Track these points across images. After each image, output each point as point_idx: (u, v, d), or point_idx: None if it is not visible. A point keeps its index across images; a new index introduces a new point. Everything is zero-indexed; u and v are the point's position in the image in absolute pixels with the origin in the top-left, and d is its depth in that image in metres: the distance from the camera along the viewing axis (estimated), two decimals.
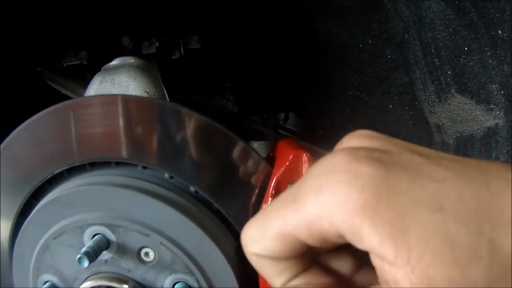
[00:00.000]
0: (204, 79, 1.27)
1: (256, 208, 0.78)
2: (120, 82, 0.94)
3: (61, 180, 0.86)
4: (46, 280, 0.83)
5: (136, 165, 0.83)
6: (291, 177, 0.76)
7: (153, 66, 1.01)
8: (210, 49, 1.24)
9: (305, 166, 0.76)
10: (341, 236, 0.37)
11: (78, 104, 0.85)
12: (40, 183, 0.86)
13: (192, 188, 0.82)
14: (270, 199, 0.75)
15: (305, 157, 0.76)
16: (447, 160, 0.39)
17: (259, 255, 0.43)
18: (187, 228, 0.78)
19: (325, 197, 0.37)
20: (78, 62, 1.21)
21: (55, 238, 0.81)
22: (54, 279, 0.83)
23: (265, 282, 0.75)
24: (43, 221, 0.83)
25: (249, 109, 1.29)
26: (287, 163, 0.76)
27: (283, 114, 1.49)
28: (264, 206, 0.77)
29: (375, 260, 0.36)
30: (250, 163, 0.82)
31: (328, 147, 1.26)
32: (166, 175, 0.82)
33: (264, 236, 0.41)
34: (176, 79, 1.23)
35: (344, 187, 0.36)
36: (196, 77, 1.27)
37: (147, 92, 0.93)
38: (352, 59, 1.12)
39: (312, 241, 0.39)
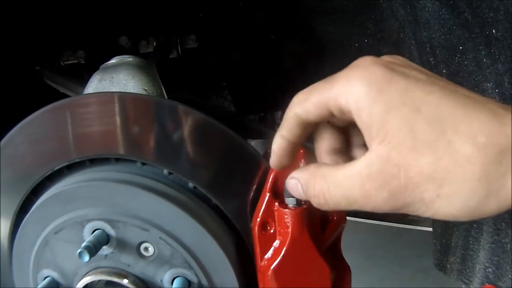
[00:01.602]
0: (201, 78, 1.29)
1: (254, 204, 0.81)
2: (118, 80, 0.96)
3: (61, 177, 0.88)
4: (46, 275, 0.85)
5: (135, 162, 0.85)
6: (288, 173, 0.78)
7: (151, 64, 1.03)
8: (207, 48, 1.27)
9: (301, 162, 0.78)
10: (350, 112, 0.52)
11: (77, 101, 0.87)
12: (40, 180, 0.88)
13: (190, 184, 0.84)
14: (267, 194, 0.77)
15: (301, 153, 0.78)
16: (444, 81, 0.52)
17: (298, 114, 0.60)
18: (186, 223, 0.80)
19: (348, 83, 0.53)
20: (76, 61, 1.23)
21: (55, 233, 0.83)
22: (54, 274, 0.85)
23: (263, 279, 0.78)
24: (43, 217, 0.85)
25: (247, 108, 1.31)
26: None
27: (280, 112, 1.52)
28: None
29: (363, 133, 0.52)
30: (247, 159, 0.84)
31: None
32: (165, 171, 0.84)
33: (307, 99, 0.58)
34: (174, 78, 1.25)
35: (361, 79, 0.51)
36: (193, 76, 1.29)
37: (145, 90, 0.96)
38: (348, 58, 1.14)
39: (335, 111, 0.55)
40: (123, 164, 0.86)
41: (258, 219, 0.77)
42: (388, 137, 0.49)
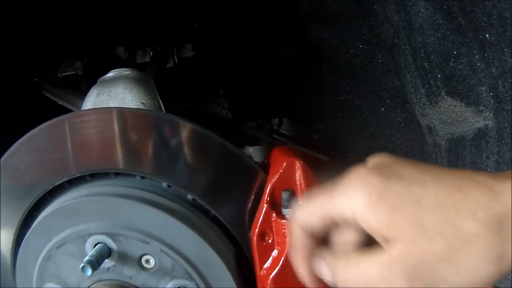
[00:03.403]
0: (198, 86, 1.32)
1: (252, 214, 0.84)
2: (116, 94, 0.99)
3: (62, 191, 0.91)
4: None
5: (135, 175, 0.88)
6: (285, 184, 0.81)
7: (148, 77, 1.06)
8: (203, 56, 1.30)
9: (298, 173, 0.81)
10: (356, 221, 0.57)
11: (76, 117, 0.90)
12: (41, 195, 0.91)
13: (189, 196, 0.87)
14: (265, 205, 0.80)
15: (298, 164, 0.81)
16: (433, 170, 0.57)
17: (303, 226, 0.63)
18: (186, 235, 0.83)
19: (349, 195, 0.57)
20: (73, 73, 1.26)
21: (58, 247, 0.87)
22: None
23: (262, 286, 0.81)
24: (46, 231, 0.88)
25: (244, 116, 1.34)
26: (281, 171, 0.81)
27: (277, 119, 1.55)
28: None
29: (377, 238, 0.56)
30: (245, 171, 0.87)
31: (321, 150, 1.32)
32: (164, 184, 0.87)
33: (311, 213, 0.62)
34: (171, 88, 1.28)
35: (360, 190, 0.56)
36: (190, 84, 1.32)
37: (143, 103, 0.99)
38: (343, 64, 1.18)
39: (339, 221, 0.59)
40: (123, 178, 0.89)
41: (257, 230, 0.80)
42: (399, 232, 0.54)
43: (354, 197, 0.57)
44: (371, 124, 1.20)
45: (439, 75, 0.98)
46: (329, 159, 1.29)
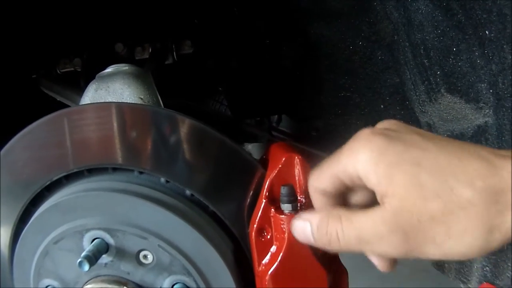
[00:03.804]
0: (197, 83, 1.32)
1: (251, 210, 0.84)
2: (114, 89, 0.99)
3: (59, 187, 0.91)
4: (47, 284, 0.88)
5: (133, 171, 0.88)
6: (284, 179, 0.81)
7: (147, 72, 1.06)
8: (203, 53, 1.30)
9: (297, 168, 0.81)
10: (359, 178, 0.61)
11: (74, 112, 0.90)
12: (39, 190, 0.91)
13: (188, 192, 0.87)
14: (264, 201, 0.80)
15: (297, 159, 0.81)
16: (437, 138, 0.60)
17: (318, 188, 0.68)
18: (184, 230, 0.83)
19: (352, 154, 0.61)
20: (72, 69, 1.27)
21: (55, 243, 0.86)
22: (55, 284, 0.88)
23: (261, 283, 0.81)
24: (43, 227, 0.88)
25: (243, 113, 1.34)
26: (280, 166, 0.81)
27: (276, 116, 1.55)
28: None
29: (377, 195, 0.60)
30: (243, 166, 0.87)
31: (321, 147, 1.32)
32: (162, 180, 0.87)
33: (320, 175, 0.67)
34: (170, 84, 1.28)
35: (363, 148, 0.60)
36: (189, 81, 1.32)
37: (141, 98, 0.99)
38: (343, 61, 1.18)
39: (347, 181, 0.64)
40: (121, 173, 0.89)
41: (255, 225, 0.80)
42: (397, 189, 0.57)
43: (357, 154, 0.60)
44: (371, 121, 1.20)
45: (438, 72, 0.98)
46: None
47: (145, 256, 0.84)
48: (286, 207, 0.77)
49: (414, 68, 1.03)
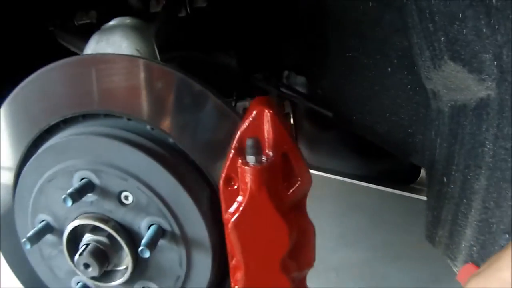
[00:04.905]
0: (209, 36, 1.36)
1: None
2: (114, 41, 1.06)
3: (58, 130, 1.00)
4: (42, 219, 0.98)
5: (122, 117, 0.95)
6: (255, 132, 0.84)
7: (147, 25, 1.11)
8: (215, 7, 1.33)
9: (267, 124, 0.83)
10: None
11: (72, 62, 0.97)
12: (39, 133, 1.00)
13: (171, 140, 0.93)
14: (232, 152, 0.84)
15: (267, 114, 0.83)
16: None
17: None
18: (161, 175, 0.89)
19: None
20: (89, 21, 1.34)
21: (49, 181, 0.96)
22: (49, 218, 0.98)
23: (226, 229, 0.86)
24: (40, 166, 0.97)
25: (250, 66, 1.37)
26: (250, 119, 0.84)
27: (286, 72, 1.56)
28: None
29: None
30: (224, 118, 0.92)
31: (325, 106, 1.33)
32: (148, 127, 0.94)
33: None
34: (183, 37, 1.33)
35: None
36: (202, 34, 1.36)
37: (137, 50, 1.05)
38: (351, 22, 1.17)
39: None
40: (112, 119, 0.97)
41: (223, 175, 0.85)
42: None
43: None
44: (377, 83, 1.20)
45: (442, 38, 0.96)
46: (333, 115, 1.30)
47: (126, 197, 0.92)
48: (251, 159, 0.80)
49: (420, 32, 1.01)
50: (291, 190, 0.86)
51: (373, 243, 2.27)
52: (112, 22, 1.11)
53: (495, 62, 0.87)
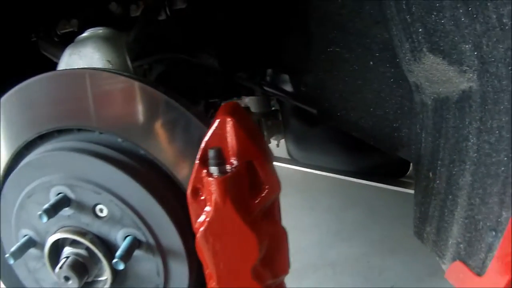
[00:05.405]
0: (190, 37, 1.36)
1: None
2: (85, 54, 1.07)
3: (35, 146, 1.03)
4: (24, 234, 1.01)
5: (94, 131, 0.97)
6: (218, 141, 0.85)
7: (119, 35, 1.13)
8: (195, 8, 1.33)
9: (229, 132, 0.84)
10: None
11: (47, 78, 0.99)
12: (18, 150, 1.03)
13: (142, 151, 0.95)
14: (197, 162, 0.85)
15: (230, 122, 0.84)
16: None
17: None
18: (132, 187, 0.91)
19: None
20: (71, 30, 1.36)
21: (28, 197, 0.99)
22: (31, 233, 1.01)
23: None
24: (19, 182, 1.00)
25: (230, 66, 1.37)
26: (214, 128, 0.85)
27: (270, 70, 1.55)
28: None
29: None
30: (193, 128, 0.93)
31: (309, 103, 1.31)
32: (119, 139, 0.96)
33: None
34: (163, 39, 1.34)
35: None
36: (182, 36, 1.36)
37: (109, 61, 1.06)
38: (331, 14, 1.15)
39: None
40: (84, 133, 0.99)
41: (190, 187, 0.86)
42: None
43: None
44: (359, 78, 1.18)
45: (420, 29, 0.94)
46: (317, 112, 1.29)
47: (101, 210, 0.94)
48: (213, 170, 0.81)
49: (399, 24, 0.99)
50: (259, 198, 0.86)
51: (369, 237, 2.28)
52: (85, 34, 1.13)
53: (476, 53, 0.85)
